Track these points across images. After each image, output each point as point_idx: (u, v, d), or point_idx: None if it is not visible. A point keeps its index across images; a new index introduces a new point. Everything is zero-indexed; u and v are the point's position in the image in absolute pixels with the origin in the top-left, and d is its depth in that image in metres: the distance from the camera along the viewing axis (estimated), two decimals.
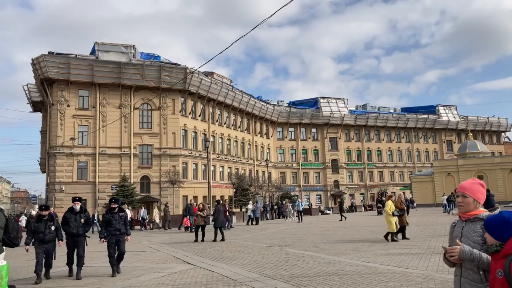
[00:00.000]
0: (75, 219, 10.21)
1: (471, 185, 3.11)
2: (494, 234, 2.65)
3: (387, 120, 73.50)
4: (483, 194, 3.07)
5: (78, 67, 42.16)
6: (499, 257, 2.58)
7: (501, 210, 2.86)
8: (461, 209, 3.10)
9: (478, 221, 2.95)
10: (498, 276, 2.54)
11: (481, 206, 3.07)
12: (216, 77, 56.55)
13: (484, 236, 2.81)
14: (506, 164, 55.63)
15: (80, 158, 42.39)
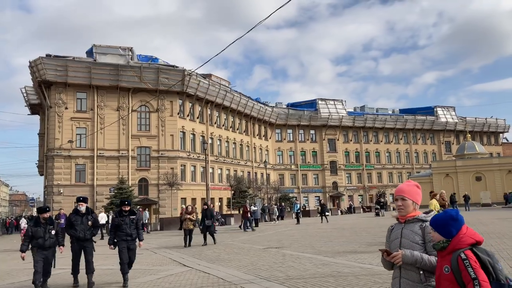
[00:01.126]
0: (81, 222, 9.09)
1: (408, 187, 3.20)
2: (441, 231, 2.72)
3: (386, 122, 73.60)
4: (420, 195, 3.17)
5: (76, 69, 42.16)
6: (446, 253, 2.65)
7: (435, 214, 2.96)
8: (401, 212, 3.17)
9: (417, 222, 3.06)
10: (445, 272, 2.60)
11: (419, 207, 3.16)
12: (214, 79, 56.60)
13: (429, 235, 2.91)
14: (504, 165, 55.71)
15: (78, 160, 42.35)
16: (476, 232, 2.73)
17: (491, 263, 2.54)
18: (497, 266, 2.54)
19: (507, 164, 55.80)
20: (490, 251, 2.65)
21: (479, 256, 2.56)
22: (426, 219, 3.06)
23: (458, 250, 2.60)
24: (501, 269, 2.55)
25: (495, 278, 2.51)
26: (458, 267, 2.53)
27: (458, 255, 2.56)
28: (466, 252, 2.58)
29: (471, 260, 2.52)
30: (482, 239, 2.69)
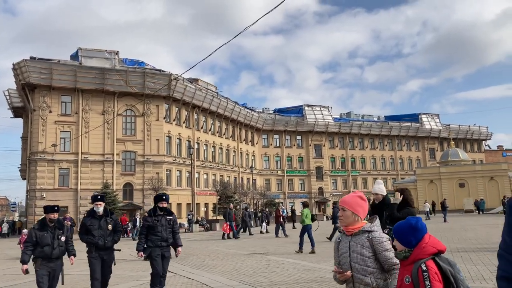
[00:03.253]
0: (99, 226, 7.27)
1: (350, 198, 3.15)
2: (403, 241, 2.68)
3: (371, 128, 74.24)
4: (362, 206, 3.08)
5: (61, 72, 41.70)
6: (407, 263, 2.62)
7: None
8: (341, 222, 3.17)
9: (363, 234, 3.00)
10: (406, 282, 2.58)
11: (362, 218, 3.09)
12: (201, 83, 56.50)
13: (378, 246, 2.91)
14: (486, 172, 56.61)
15: (62, 164, 41.79)
16: (439, 241, 2.70)
17: (452, 273, 2.53)
18: (458, 276, 2.54)
19: (490, 171, 56.72)
20: (452, 260, 2.65)
21: (441, 265, 2.54)
22: (371, 229, 3.00)
23: (419, 260, 2.57)
24: (463, 279, 2.55)
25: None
26: (418, 278, 2.50)
27: (419, 265, 2.54)
28: (428, 262, 2.55)
29: (431, 271, 2.50)
30: (445, 248, 2.67)
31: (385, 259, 2.89)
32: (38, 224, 6.98)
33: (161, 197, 7.74)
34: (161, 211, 7.52)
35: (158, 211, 7.51)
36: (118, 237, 7.57)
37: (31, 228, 6.94)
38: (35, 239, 6.70)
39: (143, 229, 7.52)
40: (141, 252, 7.34)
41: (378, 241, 2.93)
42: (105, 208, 7.53)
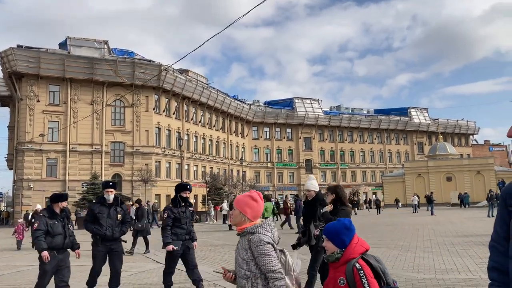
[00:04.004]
0: (108, 215, 6.73)
1: (240, 198, 3.06)
2: (335, 241, 2.69)
3: (360, 122, 74.57)
4: (251, 207, 2.96)
5: (49, 61, 41.10)
6: (339, 265, 2.62)
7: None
8: (232, 221, 3.11)
9: (246, 235, 2.89)
10: (340, 284, 2.57)
11: (251, 219, 2.95)
12: (192, 75, 56.15)
13: (256, 249, 2.78)
14: (473, 166, 57.33)
15: (49, 155, 41.37)
16: (364, 241, 2.75)
17: (381, 269, 2.60)
18: (386, 271, 2.62)
19: (476, 165, 57.45)
20: (377, 257, 2.71)
21: (371, 264, 2.59)
22: (253, 231, 2.85)
23: (351, 260, 2.59)
24: (389, 273, 2.64)
25: (385, 283, 2.58)
26: (353, 278, 2.51)
27: (353, 265, 2.55)
28: (360, 261, 2.58)
29: (365, 270, 2.53)
30: (369, 246, 2.73)
31: (261, 264, 2.77)
32: (47, 212, 6.35)
33: (184, 186, 7.06)
34: (183, 201, 6.88)
35: (181, 202, 6.87)
36: (126, 228, 7.10)
37: (40, 215, 6.39)
38: (46, 227, 6.12)
39: (169, 221, 6.70)
40: (171, 245, 6.55)
41: (255, 244, 2.79)
42: (116, 196, 7.00)
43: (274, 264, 2.75)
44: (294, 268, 2.91)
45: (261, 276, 2.78)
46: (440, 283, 7.40)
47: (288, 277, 2.82)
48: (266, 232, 2.87)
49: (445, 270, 8.70)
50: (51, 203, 6.41)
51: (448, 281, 7.50)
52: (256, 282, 2.78)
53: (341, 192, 5.69)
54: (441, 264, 9.44)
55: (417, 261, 10.03)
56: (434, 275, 8.20)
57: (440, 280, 7.66)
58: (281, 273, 2.74)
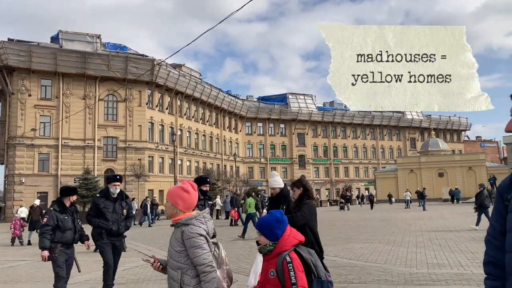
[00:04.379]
0: (113, 209, 6.57)
1: (172, 189, 3.04)
2: (267, 234, 2.69)
3: (353, 117, 74.77)
4: (183, 199, 2.94)
5: (41, 55, 40.71)
6: (271, 257, 2.62)
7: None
8: (166, 213, 3.12)
9: (179, 227, 2.87)
10: (270, 276, 2.58)
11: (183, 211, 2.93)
12: (185, 69, 55.92)
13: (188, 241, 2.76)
14: (465, 162, 57.75)
15: (41, 149, 41.08)
16: (298, 232, 2.74)
17: (313, 262, 2.60)
18: (318, 264, 2.62)
19: (468, 161, 57.88)
20: (310, 249, 2.72)
21: (303, 256, 2.60)
22: (187, 223, 2.85)
23: (283, 252, 2.59)
24: (321, 266, 2.64)
25: (316, 276, 2.58)
26: (282, 270, 2.52)
27: (283, 258, 2.56)
28: (291, 254, 2.58)
29: (295, 262, 2.53)
30: (303, 238, 2.73)
31: (192, 256, 2.76)
32: (58, 206, 6.15)
33: (204, 179, 6.86)
34: (202, 195, 6.49)
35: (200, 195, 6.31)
36: (130, 223, 6.94)
37: (50, 209, 6.18)
38: (56, 222, 5.94)
39: None
40: None
41: (187, 236, 2.77)
42: (120, 190, 6.83)
43: (205, 257, 2.73)
44: (226, 261, 2.91)
45: (192, 268, 2.77)
46: (432, 277, 7.46)
47: (220, 270, 2.82)
48: (200, 224, 2.86)
49: (437, 264, 8.77)
50: (62, 197, 6.28)
51: (440, 276, 7.56)
52: (186, 274, 2.77)
53: (307, 185, 5.55)
54: (433, 259, 9.52)
55: (409, 256, 10.10)
56: (426, 269, 8.27)
57: (432, 274, 7.73)
58: (211, 266, 2.74)
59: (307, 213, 5.17)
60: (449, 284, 6.89)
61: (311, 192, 5.50)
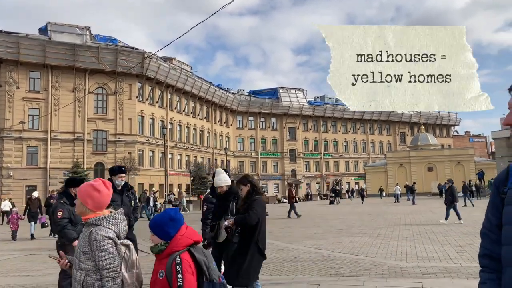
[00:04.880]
0: (122, 202, 6.31)
1: (82, 187, 2.90)
2: (159, 233, 2.58)
3: (344, 112, 74.95)
4: (92, 197, 2.80)
5: (29, 47, 40.15)
6: (163, 257, 2.53)
7: None
8: (76, 211, 3.02)
9: (88, 227, 2.75)
10: (159, 277, 2.49)
11: (92, 210, 2.81)
12: (176, 63, 55.54)
13: (94, 243, 2.64)
14: (454, 157, 58.28)
15: (30, 142, 40.62)
16: (195, 232, 2.66)
17: (206, 263, 2.54)
18: (211, 265, 2.56)
19: (457, 156, 58.41)
20: (206, 250, 2.66)
21: (196, 257, 2.53)
22: (96, 223, 2.71)
23: (175, 252, 2.50)
24: (215, 268, 2.58)
25: (208, 278, 2.51)
26: (171, 271, 2.44)
27: (173, 258, 2.47)
28: (183, 255, 2.50)
29: (184, 264, 2.46)
30: (201, 238, 2.65)
31: (96, 259, 2.63)
32: (68, 199, 5.80)
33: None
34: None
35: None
36: (137, 214, 6.62)
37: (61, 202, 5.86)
38: (71, 215, 5.65)
39: (209, 214, 6.19)
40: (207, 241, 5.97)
41: (94, 237, 2.64)
42: (125, 181, 6.57)
43: (110, 262, 2.62)
44: (137, 265, 2.79)
45: (96, 270, 2.65)
46: (422, 270, 7.53)
47: (129, 274, 2.72)
48: (110, 225, 2.73)
49: (426, 258, 8.86)
50: (67, 188, 5.98)
51: (430, 269, 7.64)
52: (90, 276, 2.65)
53: (254, 181, 5.31)
54: (422, 252, 9.61)
55: (399, 249, 10.18)
56: (416, 263, 8.34)
57: (422, 268, 7.80)
58: (115, 272, 2.62)
59: (259, 210, 4.99)
60: (438, 277, 6.95)
61: (258, 188, 5.27)
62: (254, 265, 4.97)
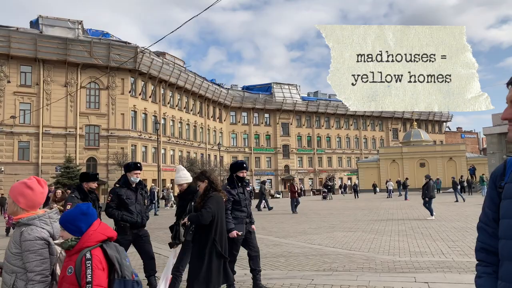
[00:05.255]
0: (136, 199, 6.13)
1: (15, 185, 2.78)
2: (70, 229, 2.50)
3: (337, 108, 75.13)
4: (25, 196, 2.70)
5: (20, 41, 39.76)
6: (73, 252, 2.45)
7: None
8: (7, 211, 2.95)
9: (19, 227, 2.65)
10: (68, 273, 2.41)
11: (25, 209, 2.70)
12: (169, 57, 55.29)
13: (24, 243, 2.55)
14: (446, 153, 58.68)
15: (21, 137, 40.30)
16: (109, 227, 2.59)
17: (118, 260, 2.47)
18: (124, 262, 2.50)
19: (449, 152, 58.82)
20: (120, 246, 2.59)
21: (108, 253, 2.46)
22: (28, 223, 2.62)
23: (85, 248, 2.42)
24: (129, 264, 2.53)
25: (120, 275, 2.45)
26: (80, 267, 2.36)
27: (83, 254, 2.39)
28: (94, 250, 2.43)
29: (95, 259, 2.39)
30: (115, 234, 2.59)
31: (25, 261, 2.53)
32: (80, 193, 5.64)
33: (241, 165, 6.27)
34: (240, 181, 6.12)
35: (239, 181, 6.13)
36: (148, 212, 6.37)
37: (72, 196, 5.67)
38: None
39: (228, 205, 5.89)
40: (235, 230, 5.73)
41: (25, 238, 2.54)
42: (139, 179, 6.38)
43: (39, 264, 2.51)
44: None
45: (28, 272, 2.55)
46: (415, 265, 7.58)
47: None
48: (44, 225, 2.63)
49: (419, 252, 8.92)
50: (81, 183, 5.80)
51: (423, 264, 7.69)
52: (21, 279, 2.55)
53: (212, 177, 5.03)
54: (415, 247, 9.67)
55: (392, 244, 10.24)
56: (409, 257, 8.40)
57: (415, 262, 7.85)
58: (42, 275, 2.52)
59: (214, 207, 4.67)
60: (431, 272, 7.00)
61: (216, 184, 4.96)
62: (214, 268, 4.60)
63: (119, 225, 5.90)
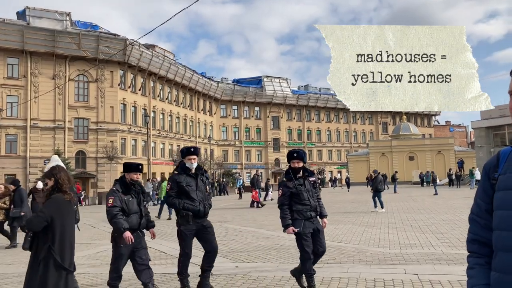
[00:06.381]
0: (197, 187, 5.66)
1: None
2: None
3: (327, 101, 75.34)
4: None
5: (6, 32, 39.13)
6: None
7: None
8: None
9: None
10: None
11: None
12: (158, 50, 54.86)
13: None
14: (434, 146, 59.25)
15: (9, 130, 39.80)
16: None
17: None
18: None
19: (437, 145, 59.40)
20: None
21: None
22: None
23: None
24: None
25: None
26: None
27: None
28: None
29: None
30: None
31: None
32: (121, 186, 5.31)
33: (292, 154, 5.77)
34: (296, 172, 5.69)
35: (297, 172, 5.70)
36: (211, 202, 6.00)
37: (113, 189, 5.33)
38: (124, 204, 5.19)
39: (285, 199, 5.62)
40: (291, 227, 5.46)
41: None
42: (198, 164, 5.90)
43: None
44: None
45: None
46: (404, 257, 7.66)
47: None
48: None
49: (409, 245, 9.01)
50: (124, 174, 5.44)
51: (412, 256, 7.78)
52: None
53: (59, 175, 4.33)
54: (405, 239, 9.77)
55: (382, 236, 10.34)
56: (399, 250, 8.48)
57: (404, 254, 7.93)
58: None
59: (49, 211, 4.08)
60: (420, 263, 7.09)
61: (61, 185, 4.27)
62: (51, 281, 4.00)
63: (181, 214, 5.60)
